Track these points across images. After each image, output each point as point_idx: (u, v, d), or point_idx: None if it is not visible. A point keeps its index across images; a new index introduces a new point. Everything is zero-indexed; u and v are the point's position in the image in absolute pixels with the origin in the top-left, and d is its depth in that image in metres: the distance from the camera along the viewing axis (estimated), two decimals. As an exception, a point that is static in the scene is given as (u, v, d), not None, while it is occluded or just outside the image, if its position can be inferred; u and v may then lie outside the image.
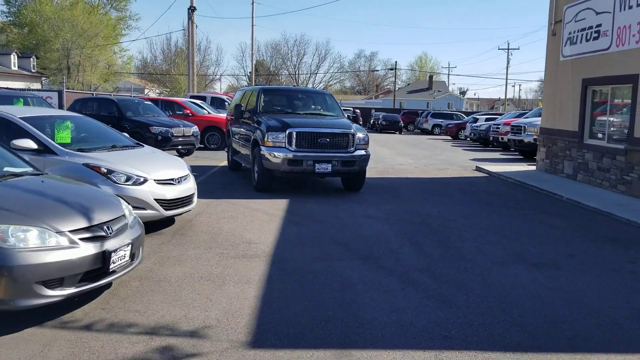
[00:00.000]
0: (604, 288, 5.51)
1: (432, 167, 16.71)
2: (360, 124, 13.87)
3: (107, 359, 3.67)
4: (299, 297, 4.96)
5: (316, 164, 9.96)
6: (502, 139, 22.96)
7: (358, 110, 11.46)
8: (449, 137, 35.42)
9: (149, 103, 18.23)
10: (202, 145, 18.91)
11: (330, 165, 10.01)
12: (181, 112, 20.34)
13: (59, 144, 7.01)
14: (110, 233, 4.53)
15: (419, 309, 4.74)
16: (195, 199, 7.76)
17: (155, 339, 3.99)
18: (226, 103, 26.73)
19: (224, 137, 20.52)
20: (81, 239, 4.27)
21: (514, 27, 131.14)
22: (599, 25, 12.31)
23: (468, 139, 31.30)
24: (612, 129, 12.14)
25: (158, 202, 6.89)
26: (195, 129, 16.95)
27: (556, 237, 7.72)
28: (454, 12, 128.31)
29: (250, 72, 74.86)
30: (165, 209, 6.99)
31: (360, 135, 10.52)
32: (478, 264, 6.22)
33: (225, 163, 14.77)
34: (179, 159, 8.28)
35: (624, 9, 11.35)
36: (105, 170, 6.71)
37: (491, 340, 4.16)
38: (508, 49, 79.43)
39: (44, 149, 6.77)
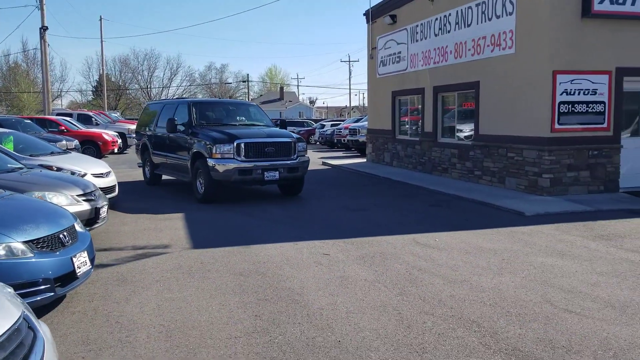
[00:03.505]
0: (389, 216, 9.48)
1: (288, 164, 20.43)
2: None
3: (118, 258, 6.64)
4: (212, 232, 8.22)
5: (265, 172, 10.53)
6: (343, 140, 27.50)
7: (284, 119, 12.61)
8: (301, 143, 39.65)
9: (29, 121, 19.77)
10: (81, 158, 20.70)
11: (277, 172, 10.63)
12: (56, 129, 21.92)
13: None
14: (96, 198, 7.41)
15: (285, 231, 8.25)
16: (117, 188, 10.51)
17: (138, 250, 7.03)
18: (93, 119, 28.34)
19: (100, 150, 22.58)
20: (83, 200, 7.13)
21: (354, 41, 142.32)
22: (399, 53, 16.95)
23: (317, 142, 35.75)
24: (412, 127, 16.79)
25: (96, 189, 9.59)
26: (76, 142, 18.92)
27: (370, 197, 11.74)
28: (300, 27, 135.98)
29: (95, 87, 73.84)
30: (101, 194, 9.72)
31: (300, 143, 11.20)
32: (320, 212, 9.93)
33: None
34: (100, 160, 10.95)
35: (414, 42, 16.02)
36: (56, 168, 9.30)
37: (322, 237, 7.77)
38: (349, 61, 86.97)
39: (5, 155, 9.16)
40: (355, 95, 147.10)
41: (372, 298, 5.16)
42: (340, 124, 34.33)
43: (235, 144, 10.41)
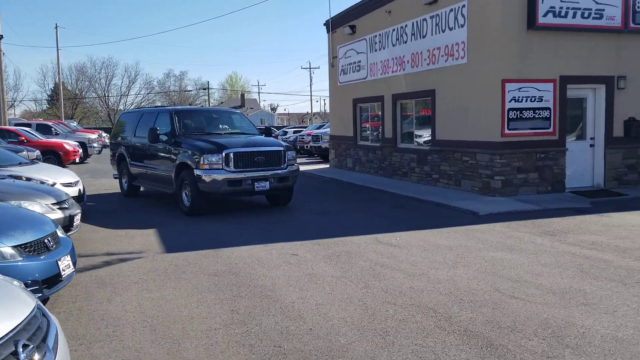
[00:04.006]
0: (353, 218, 9.97)
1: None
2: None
3: (95, 263, 6.90)
4: (184, 237, 8.53)
5: (255, 183, 10.22)
6: (306, 147, 27.98)
7: (269, 126, 11.84)
8: (264, 150, 39.92)
9: (-12, 132, 19.51)
10: (43, 168, 20.53)
11: (268, 182, 10.34)
12: (16, 139, 21.67)
13: (-20, 162, 9.52)
14: (69, 206, 7.63)
15: (254, 235, 8.62)
16: (85, 196, 10.68)
17: (112, 256, 7.29)
18: (52, 129, 27.99)
19: (61, 160, 22.37)
20: (57, 208, 7.35)
21: (315, 48, 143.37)
22: (359, 62, 17.56)
23: (280, 149, 36.11)
24: (373, 133, 17.40)
25: (65, 198, 9.75)
26: (37, 152, 18.82)
27: (334, 201, 12.22)
28: (260, 35, 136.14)
29: (50, 96, 72.28)
30: (71, 203, 9.88)
31: (289, 151, 10.93)
32: (287, 216, 10.36)
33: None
34: (68, 170, 11.08)
35: (373, 51, 16.65)
36: (25, 179, 9.43)
37: (291, 239, 8.18)
38: (310, 68, 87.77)
39: (-27, 166, 9.26)
40: (317, 101, 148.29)
41: (339, 291, 5.61)
42: (302, 130, 34.84)
43: (224, 153, 10.03)
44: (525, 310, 4.98)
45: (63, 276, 5.02)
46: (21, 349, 2.36)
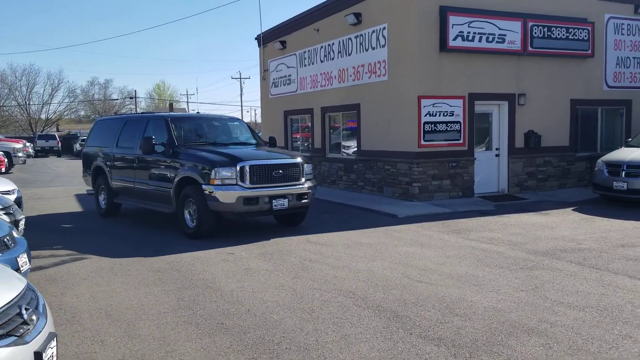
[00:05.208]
0: (312, 225, 10.81)
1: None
2: None
3: (42, 264, 7.34)
4: (126, 244, 9.05)
5: (273, 201, 9.04)
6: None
7: (273, 137, 11.23)
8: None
9: None
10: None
11: (286, 200, 9.19)
12: None
13: None
14: (14, 212, 8.01)
15: (191, 239, 9.28)
16: (23, 205, 10.91)
17: (57, 258, 7.75)
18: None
19: (-16, 170, 21.84)
20: (4, 213, 7.72)
21: (245, 59, 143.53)
22: (290, 75, 18.50)
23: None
24: (304, 143, 18.36)
25: (3, 206, 9.99)
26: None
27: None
28: (190, 44, 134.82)
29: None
30: (9, 210, 10.12)
31: (307, 164, 9.87)
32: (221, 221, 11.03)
33: None
34: (4, 178, 11.26)
35: (303, 66, 17.64)
36: (-38, 186, 9.61)
37: (226, 241, 8.90)
38: (240, 78, 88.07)
39: None
40: (247, 112, 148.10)
41: (272, 281, 6.42)
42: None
43: (238, 167, 8.81)
44: (427, 291, 6.00)
45: (21, 271, 5.53)
46: (24, 311, 3.03)
